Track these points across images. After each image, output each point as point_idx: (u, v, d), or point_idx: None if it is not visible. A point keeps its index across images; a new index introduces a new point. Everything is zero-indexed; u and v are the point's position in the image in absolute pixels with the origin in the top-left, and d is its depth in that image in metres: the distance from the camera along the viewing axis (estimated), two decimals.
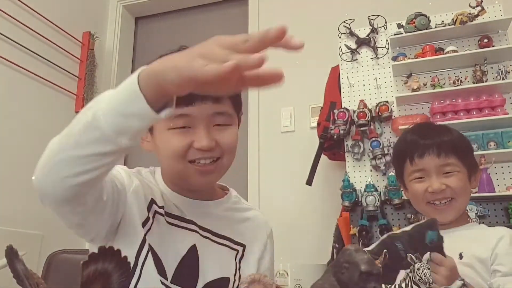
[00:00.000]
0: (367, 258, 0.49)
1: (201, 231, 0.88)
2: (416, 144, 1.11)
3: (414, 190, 1.11)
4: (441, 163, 1.08)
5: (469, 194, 1.12)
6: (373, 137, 1.87)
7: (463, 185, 1.08)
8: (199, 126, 0.79)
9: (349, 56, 2.08)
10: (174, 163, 0.81)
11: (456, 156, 1.08)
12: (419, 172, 1.10)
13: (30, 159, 2.54)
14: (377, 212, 1.74)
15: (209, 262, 0.86)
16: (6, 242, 0.48)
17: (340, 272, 0.50)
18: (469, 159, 1.12)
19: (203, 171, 0.82)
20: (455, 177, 1.08)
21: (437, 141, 1.10)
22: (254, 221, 0.98)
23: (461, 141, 1.13)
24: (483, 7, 1.83)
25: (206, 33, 2.82)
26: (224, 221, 0.92)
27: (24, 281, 0.47)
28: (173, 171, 0.86)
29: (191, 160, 0.80)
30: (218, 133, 0.82)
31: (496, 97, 1.77)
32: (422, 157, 1.09)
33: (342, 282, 0.50)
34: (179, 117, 0.78)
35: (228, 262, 0.89)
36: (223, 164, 0.85)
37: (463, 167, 1.09)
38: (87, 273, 0.42)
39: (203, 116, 0.79)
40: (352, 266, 0.49)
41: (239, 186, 2.49)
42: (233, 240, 0.91)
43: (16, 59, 2.20)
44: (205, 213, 0.90)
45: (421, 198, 1.10)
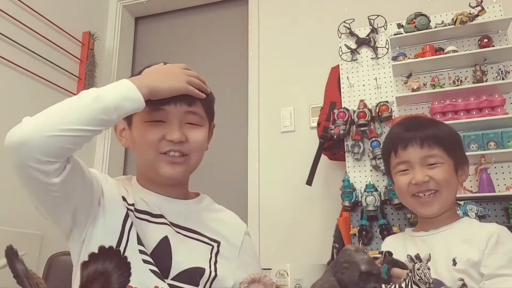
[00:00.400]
0: (367, 258, 0.49)
1: (174, 227, 0.92)
2: (401, 136, 1.11)
3: (399, 183, 1.10)
4: (425, 154, 1.06)
5: (456, 187, 1.10)
6: (373, 137, 1.87)
7: (448, 177, 1.06)
8: (172, 121, 0.91)
9: (349, 56, 2.08)
10: (147, 153, 0.91)
11: (440, 147, 1.06)
12: (403, 164, 1.09)
13: None
14: (377, 212, 1.74)
15: (182, 252, 0.89)
16: (6, 242, 0.48)
17: (340, 272, 0.50)
18: (456, 152, 1.10)
19: (171, 162, 0.91)
20: (439, 169, 1.05)
21: (421, 133, 1.08)
22: (228, 221, 1.04)
23: (447, 133, 1.11)
24: (483, 7, 1.83)
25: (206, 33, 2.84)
26: (198, 219, 0.97)
27: (24, 281, 0.47)
28: (145, 161, 0.94)
29: (162, 151, 0.90)
30: (189, 130, 0.92)
31: (496, 97, 1.77)
32: (406, 149, 1.08)
33: (342, 282, 0.50)
34: (156, 111, 0.90)
35: (203, 254, 0.93)
36: (190, 161, 0.94)
37: (449, 159, 1.07)
38: (87, 273, 0.42)
39: (178, 112, 0.91)
40: (352, 266, 0.49)
41: (239, 186, 2.49)
42: (207, 237, 0.96)
43: (16, 59, 2.20)
44: (178, 211, 0.96)
45: (405, 191, 1.09)
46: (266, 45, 2.62)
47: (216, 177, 2.59)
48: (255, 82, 2.58)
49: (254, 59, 2.62)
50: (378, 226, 1.75)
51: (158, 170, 0.91)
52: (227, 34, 2.88)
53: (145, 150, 0.91)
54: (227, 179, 2.57)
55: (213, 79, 2.88)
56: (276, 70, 2.56)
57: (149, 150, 0.90)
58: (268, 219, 2.34)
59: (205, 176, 2.61)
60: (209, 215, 1.00)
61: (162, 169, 0.91)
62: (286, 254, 2.25)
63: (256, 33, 2.66)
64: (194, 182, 1.04)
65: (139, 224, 0.88)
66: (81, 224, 0.83)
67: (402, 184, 1.09)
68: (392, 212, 1.78)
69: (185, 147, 0.91)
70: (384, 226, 1.73)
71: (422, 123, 1.15)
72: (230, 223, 1.03)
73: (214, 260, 0.93)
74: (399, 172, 1.10)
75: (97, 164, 2.67)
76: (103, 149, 2.67)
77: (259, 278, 0.60)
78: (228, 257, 0.96)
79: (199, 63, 2.84)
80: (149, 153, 0.91)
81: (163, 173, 0.91)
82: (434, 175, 1.05)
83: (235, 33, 2.83)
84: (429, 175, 1.05)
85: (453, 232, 1.05)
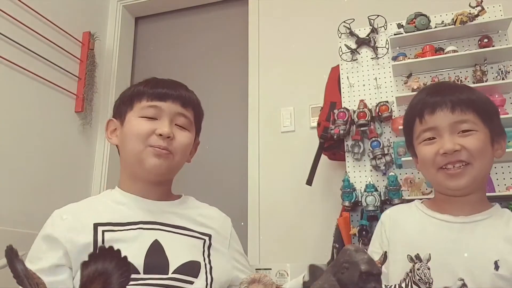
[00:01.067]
0: (367, 258, 0.49)
1: (162, 227, 0.94)
2: (427, 99, 0.93)
3: (423, 154, 0.92)
4: (456, 119, 0.89)
5: (491, 161, 0.92)
6: (373, 137, 1.87)
7: (483, 148, 0.88)
8: (164, 118, 0.96)
9: (349, 56, 2.08)
10: (136, 145, 0.95)
11: (475, 113, 0.89)
12: (430, 131, 0.92)
13: (30, 159, 2.55)
14: (377, 212, 1.74)
15: (175, 249, 0.91)
16: (6, 242, 0.48)
17: (340, 272, 0.50)
18: (493, 120, 0.93)
19: (157, 154, 0.95)
20: (472, 137, 0.88)
21: (451, 96, 0.91)
22: (214, 216, 1.07)
23: (484, 99, 0.95)
24: (483, 7, 1.83)
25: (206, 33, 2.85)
26: (185, 216, 1.00)
27: (24, 281, 0.47)
28: (133, 154, 0.96)
29: (150, 144, 0.94)
30: (177, 131, 0.98)
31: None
32: (433, 113, 0.90)
33: (342, 282, 0.50)
34: (151, 107, 0.97)
35: (195, 248, 0.95)
36: (174, 159, 0.97)
37: (484, 127, 0.90)
38: (87, 273, 0.42)
39: (170, 111, 0.97)
40: (352, 266, 0.49)
41: (239, 186, 2.49)
42: (197, 231, 0.98)
43: (16, 59, 2.20)
44: (164, 211, 0.98)
45: (431, 164, 0.91)
46: (266, 45, 2.62)
47: (216, 177, 2.59)
48: (255, 82, 2.58)
49: (254, 59, 2.62)
50: None
51: (144, 162, 0.95)
52: (227, 34, 2.88)
53: (134, 142, 0.95)
54: (227, 179, 2.58)
55: (213, 79, 2.91)
56: (276, 70, 2.56)
57: (138, 142, 0.95)
58: (268, 219, 2.34)
59: (205, 176, 2.61)
60: (195, 211, 1.03)
61: (147, 161, 0.94)
62: (286, 254, 2.25)
63: (256, 33, 2.66)
64: (194, 182, 1.04)
65: (125, 237, 0.89)
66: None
67: (428, 154, 0.91)
68: None
69: (171, 145, 0.96)
70: None
71: (453, 86, 1.01)
72: (216, 217, 1.07)
73: (208, 253, 0.96)
74: (424, 141, 0.93)
75: (97, 164, 2.67)
76: (103, 150, 2.67)
77: (259, 278, 0.60)
78: (220, 249, 0.99)
79: (199, 63, 2.84)
80: (138, 145, 0.95)
81: (147, 165, 0.95)
82: (466, 144, 0.88)
83: (235, 33, 2.83)
84: (461, 144, 0.88)
85: (491, 225, 0.89)
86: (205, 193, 1.09)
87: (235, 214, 1.10)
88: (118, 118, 1.03)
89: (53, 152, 2.38)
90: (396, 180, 1.75)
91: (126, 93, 1.03)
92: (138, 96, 0.99)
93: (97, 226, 0.90)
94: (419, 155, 0.95)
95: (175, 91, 0.99)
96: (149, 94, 0.98)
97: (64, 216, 0.93)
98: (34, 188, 2.22)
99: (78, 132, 2.57)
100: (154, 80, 1.03)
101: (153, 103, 0.97)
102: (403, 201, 1.72)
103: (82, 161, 2.60)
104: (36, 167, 2.26)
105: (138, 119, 0.97)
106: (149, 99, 0.97)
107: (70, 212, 0.94)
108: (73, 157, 2.53)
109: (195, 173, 2.44)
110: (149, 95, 0.98)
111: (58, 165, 2.41)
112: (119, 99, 1.05)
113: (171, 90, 0.99)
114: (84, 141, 2.60)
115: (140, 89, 1.00)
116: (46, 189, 2.29)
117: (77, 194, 2.51)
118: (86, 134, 2.61)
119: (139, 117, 0.97)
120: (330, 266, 0.53)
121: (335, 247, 1.84)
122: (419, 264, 0.89)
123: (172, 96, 0.98)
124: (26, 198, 2.17)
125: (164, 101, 0.97)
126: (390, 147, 1.85)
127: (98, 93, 2.70)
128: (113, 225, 0.91)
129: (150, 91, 0.99)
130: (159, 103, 0.97)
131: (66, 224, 0.90)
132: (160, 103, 0.97)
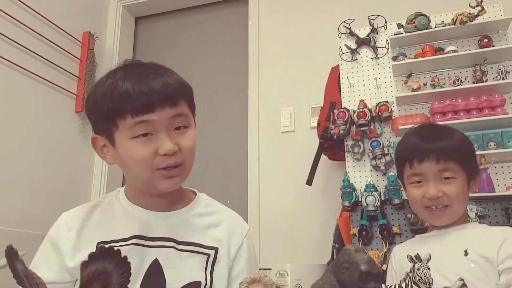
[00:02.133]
0: (367, 258, 0.49)
1: (164, 242, 0.88)
2: (416, 147, 1.12)
3: (413, 194, 1.13)
4: (440, 168, 1.08)
5: (467, 199, 1.12)
6: (373, 137, 1.87)
7: (461, 193, 1.09)
8: (160, 132, 0.83)
9: (349, 56, 2.08)
10: (141, 172, 0.84)
11: (456, 162, 1.08)
12: (418, 176, 1.11)
13: (30, 159, 2.55)
14: (377, 212, 1.74)
15: (175, 270, 0.86)
16: (6, 242, 0.48)
17: (340, 272, 0.50)
18: (470, 163, 1.13)
19: (169, 176, 0.85)
20: (453, 185, 1.08)
21: (437, 146, 1.10)
22: (227, 223, 0.97)
23: (463, 145, 1.13)
24: (483, 7, 1.83)
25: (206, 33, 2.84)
26: (193, 227, 0.92)
27: (24, 281, 0.47)
28: (140, 179, 0.87)
29: (159, 167, 0.84)
30: (178, 137, 0.85)
31: (496, 97, 1.77)
32: (421, 162, 1.10)
33: (342, 282, 0.50)
34: (140, 124, 0.81)
35: (197, 266, 0.89)
36: (185, 168, 0.88)
37: (463, 172, 1.09)
38: (87, 273, 0.42)
39: (163, 120, 0.82)
40: (352, 266, 0.49)
41: (239, 186, 2.49)
42: (203, 245, 0.91)
43: (16, 59, 2.20)
44: (170, 224, 0.91)
45: (418, 204, 1.12)
46: (266, 45, 2.62)
47: (216, 177, 2.59)
48: (255, 82, 2.58)
49: (254, 59, 2.62)
50: (378, 226, 1.75)
51: (155, 186, 0.86)
52: (227, 34, 2.88)
53: (138, 169, 0.84)
54: (227, 179, 2.58)
55: (213, 79, 2.91)
56: (276, 70, 2.56)
57: (143, 169, 0.83)
58: (268, 219, 2.34)
59: (205, 176, 2.61)
60: (204, 220, 0.95)
61: (160, 185, 0.86)
62: (286, 254, 2.25)
63: (256, 33, 2.66)
64: (194, 182, 1.03)
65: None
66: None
67: (416, 196, 1.12)
68: (392, 212, 1.78)
69: (179, 157, 0.84)
70: (384, 226, 1.73)
71: (438, 133, 1.16)
72: (229, 225, 0.97)
73: (211, 269, 0.90)
74: (412, 183, 1.13)
75: (97, 164, 2.67)
76: None
77: (259, 278, 0.60)
78: (226, 261, 0.92)
79: (199, 63, 2.84)
80: (144, 172, 0.84)
81: (161, 189, 0.86)
82: (447, 191, 1.07)
83: (235, 33, 2.83)
84: (443, 191, 1.07)
85: (466, 232, 1.09)
86: (205, 193, 1.07)
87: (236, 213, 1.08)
88: (103, 135, 0.87)
89: (53, 152, 2.38)
90: (396, 180, 1.75)
91: (101, 102, 0.84)
92: (118, 114, 0.82)
93: (99, 244, 0.86)
94: (408, 194, 1.16)
95: (156, 91, 0.82)
96: (130, 110, 0.81)
97: (70, 225, 0.89)
98: (34, 188, 2.22)
99: (78, 132, 2.57)
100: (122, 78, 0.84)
101: (140, 118, 0.80)
102: (403, 201, 1.73)
103: (82, 161, 2.60)
104: (36, 167, 2.26)
105: (130, 141, 0.82)
106: (133, 114, 0.80)
107: (77, 222, 0.89)
108: (73, 157, 2.54)
109: (195, 173, 2.43)
110: (130, 111, 0.81)
111: (58, 165, 2.41)
112: (92, 108, 0.87)
113: (150, 91, 0.81)
114: (84, 141, 2.60)
115: (114, 99, 0.82)
116: (46, 189, 2.29)
117: (77, 194, 2.52)
118: (86, 134, 2.61)
119: (130, 138, 0.82)
120: (330, 266, 0.53)
121: (335, 247, 1.84)
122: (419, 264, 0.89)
123: (157, 99, 0.81)
124: (26, 198, 2.17)
125: (152, 112, 0.81)
126: (390, 147, 1.85)
127: None
128: (115, 241, 0.86)
129: (129, 105, 0.81)
130: (147, 116, 0.81)
131: (71, 237, 0.88)
132: (148, 116, 0.81)
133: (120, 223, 0.89)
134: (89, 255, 0.43)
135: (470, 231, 1.10)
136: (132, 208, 0.92)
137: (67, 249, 0.86)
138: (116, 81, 0.84)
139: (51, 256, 0.88)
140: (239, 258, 0.95)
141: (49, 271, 0.86)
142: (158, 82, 0.83)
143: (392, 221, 1.77)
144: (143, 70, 0.87)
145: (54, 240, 0.89)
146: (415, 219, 1.71)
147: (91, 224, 0.90)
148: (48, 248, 0.89)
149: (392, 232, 1.72)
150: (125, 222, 0.90)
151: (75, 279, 0.87)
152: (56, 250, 0.88)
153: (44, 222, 0.89)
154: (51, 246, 0.89)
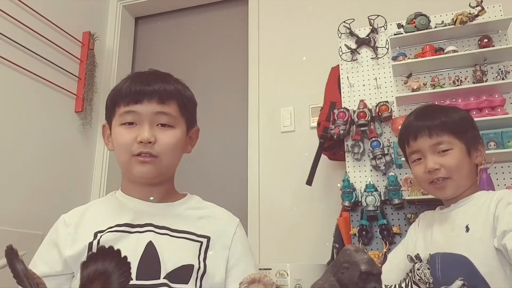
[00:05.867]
0: (367, 258, 0.49)
1: (158, 229, 0.93)
2: (410, 127, 1.17)
3: (415, 172, 1.17)
4: (434, 142, 1.11)
5: (470, 168, 1.13)
6: (373, 137, 1.87)
7: (459, 163, 1.10)
8: (144, 123, 0.93)
9: (349, 56, 2.08)
10: (121, 155, 0.95)
11: (449, 133, 1.11)
12: (416, 153, 1.15)
13: (30, 159, 2.55)
14: (377, 212, 1.74)
15: (169, 253, 0.90)
16: (6, 242, 0.48)
17: (340, 272, 0.50)
18: (468, 133, 1.14)
19: (141, 162, 0.93)
20: (449, 156, 1.10)
21: (428, 122, 1.13)
22: (218, 216, 1.03)
23: (456, 118, 1.15)
24: (483, 7, 1.82)
25: (206, 33, 2.84)
26: (185, 218, 0.98)
27: (24, 281, 0.47)
28: (122, 163, 0.97)
29: (134, 154, 0.93)
30: (159, 131, 0.94)
31: (496, 97, 1.77)
32: (416, 139, 1.14)
33: (342, 282, 0.50)
34: (128, 113, 0.93)
35: (190, 251, 0.93)
36: (161, 162, 0.94)
37: (459, 142, 1.12)
38: (87, 273, 0.42)
39: (148, 113, 0.93)
40: (352, 266, 0.49)
41: (239, 186, 2.49)
42: (195, 234, 0.96)
43: (16, 59, 2.20)
44: (164, 214, 0.97)
45: (422, 180, 1.15)
46: (266, 45, 2.63)
47: (216, 177, 2.59)
48: (255, 82, 2.58)
49: (254, 59, 2.62)
50: (378, 226, 1.75)
51: (131, 171, 0.94)
52: (227, 34, 2.88)
53: (120, 152, 0.95)
54: (227, 179, 2.58)
55: (213, 79, 2.91)
56: (276, 70, 2.56)
57: (123, 153, 0.94)
58: (268, 219, 2.34)
59: (205, 176, 2.61)
60: (196, 212, 1.01)
61: (134, 169, 0.94)
62: (286, 254, 2.25)
63: (256, 33, 2.66)
64: (194, 182, 1.04)
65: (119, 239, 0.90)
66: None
67: (418, 172, 1.15)
68: (392, 212, 1.78)
69: (154, 149, 0.92)
70: (384, 226, 1.73)
71: (430, 112, 1.19)
72: (219, 217, 1.03)
73: (204, 256, 0.93)
74: (414, 161, 1.17)
75: (97, 164, 2.67)
76: (103, 149, 2.67)
77: (259, 278, 0.60)
78: (219, 250, 0.96)
79: (199, 63, 2.84)
80: (124, 156, 0.94)
81: (135, 173, 0.94)
82: (444, 162, 1.10)
83: (235, 33, 2.83)
84: (440, 163, 1.10)
85: (470, 205, 1.10)
86: (205, 193, 1.08)
87: (235, 214, 1.09)
88: (108, 123, 1.01)
89: (53, 152, 2.38)
90: (396, 180, 1.75)
91: (110, 95, 1.00)
92: (116, 101, 0.96)
93: (97, 234, 0.91)
94: (413, 173, 1.20)
95: (149, 88, 0.93)
96: (124, 98, 0.94)
97: (67, 222, 0.95)
98: (34, 188, 2.22)
99: (78, 132, 2.57)
100: (131, 78, 0.98)
101: (129, 107, 0.93)
102: (403, 201, 1.73)
103: (82, 161, 2.60)
104: (36, 167, 2.26)
105: (119, 127, 0.94)
106: (125, 103, 0.93)
107: (74, 219, 0.95)
108: (73, 157, 2.54)
109: (195, 173, 2.44)
110: (124, 99, 0.94)
111: (58, 165, 2.41)
112: (107, 99, 1.01)
113: (145, 87, 0.93)
114: (84, 141, 2.60)
115: (117, 92, 0.97)
116: (46, 189, 2.29)
117: (77, 194, 2.52)
118: (86, 134, 2.61)
119: (119, 125, 0.94)
120: (330, 266, 0.53)
121: (335, 247, 1.84)
122: (419, 264, 0.90)
123: (147, 95, 0.93)
124: (26, 198, 2.17)
125: (140, 103, 0.93)
126: (390, 147, 1.85)
127: (98, 93, 2.70)
128: (110, 228, 0.91)
129: (124, 93, 0.94)
130: (135, 106, 0.93)
131: (69, 231, 0.93)
132: (135, 106, 0.93)
133: (115, 213, 0.96)
134: (89, 255, 0.43)
135: (474, 202, 1.10)
136: (127, 199, 0.99)
137: (66, 241, 0.91)
138: (126, 80, 0.98)
139: (49, 252, 0.92)
140: (235, 245, 0.99)
141: (45, 265, 0.90)
142: (155, 83, 0.95)
143: (392, 221, 1.77)
144: (150, 74, 0.99)
145: (53, 237, 0.94)
146: (415, 219, 1.71)
147: (88, 218, 0.96)
148: (47, 245, 0.94)
149: (392, 232, 1.72)
150: (119, 211, 0.96)
151: (71, 272, 0.90)
152: (55, 246, 0.92)
153: (44, 222, 0.90)
154: (50, 243, 0.94)
